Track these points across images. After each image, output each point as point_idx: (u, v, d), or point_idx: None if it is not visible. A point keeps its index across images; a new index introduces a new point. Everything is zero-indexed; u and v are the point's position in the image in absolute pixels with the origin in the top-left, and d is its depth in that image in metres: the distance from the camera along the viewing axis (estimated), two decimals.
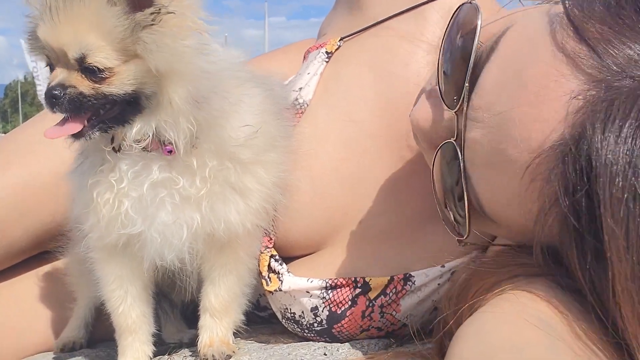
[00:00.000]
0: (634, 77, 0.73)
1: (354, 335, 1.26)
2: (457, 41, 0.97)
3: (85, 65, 0.96)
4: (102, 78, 0.97)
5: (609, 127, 0.70)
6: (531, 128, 0.79)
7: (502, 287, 0.82)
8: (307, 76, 1.41)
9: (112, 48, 0.96)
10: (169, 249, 1.11)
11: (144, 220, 1.08)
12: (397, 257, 1.26)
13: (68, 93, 0.97)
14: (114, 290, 1.18)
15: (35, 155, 1.54)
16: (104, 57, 0.96)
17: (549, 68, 0.79)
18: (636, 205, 0.67)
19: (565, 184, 0.73)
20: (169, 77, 0.99)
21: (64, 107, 0.98)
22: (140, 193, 1.06)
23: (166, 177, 1.06)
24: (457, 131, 0.91)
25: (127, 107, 1.00)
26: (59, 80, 0.98)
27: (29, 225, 1.53)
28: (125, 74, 0.98)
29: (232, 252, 1.18)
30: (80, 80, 0.98)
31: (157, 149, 1.05)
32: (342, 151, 1.33)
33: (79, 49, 0.96)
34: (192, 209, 1.08)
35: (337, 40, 1.43)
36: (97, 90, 0.98)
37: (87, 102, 0.98)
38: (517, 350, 0.68)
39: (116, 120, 1.02)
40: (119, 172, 1.06)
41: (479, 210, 0.91)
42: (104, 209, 1.07)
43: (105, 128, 1.02)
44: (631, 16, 0.77)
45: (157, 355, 1.24)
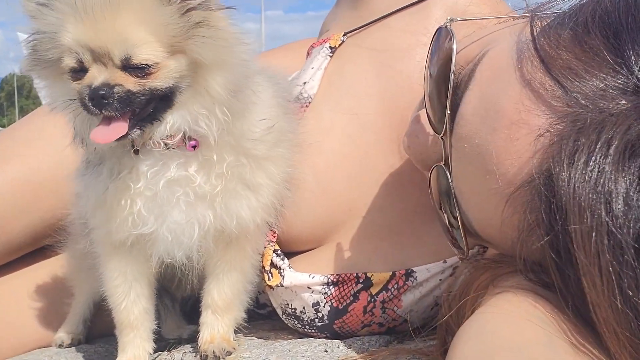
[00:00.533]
0: (601, 109, 0.72)
1: (355, 331, 1.26)
2: (437, 66, 0.96)
3: (132, 62, 0.95)
4: (147, 73, 0.96)
5: (575, 163, 0.69)
6: (507, 162, 0.79)
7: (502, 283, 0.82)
8: (311, 71, 1.41)
9: (159, 44, 0.95)
10: (179, 247, 1.11)
11: (156, 219, 1.08)
12: (399, 252, 1.26)
13: (116, 92, 0.95)
14: (118, 286, 1.18)
15: (34, 150, 1.54)
16: (151, 52, 0.95)
17: (518, 104, 0.79)
18: (606, 241, 0.66)
19: (541, 220, 0.73)
20: (212, 68, 0.99)
21: (114, 106, 0.96)
22: (155, 191, 1.06)
23: (182, 175, 1.06)
24: (445, 156, 0.91)
25: (160, 104, 1.00)
26: (103, 80, 0.95)
27: (28, 221, 1.53)
28: (170, 68, 0.97)
29: (240, 247, 1.18)
30: (125, 77, 0.96)
31: (180, 145, 1.04)
32: (346, 146, 1.33)
33: (125, 47, 0.94)
34: (206, 206, 1.08)
35: (340, 36, 1.43)
36: (143, 86, 0.97)
37: (135, 99, 0.97)
38: (518, 350, 0.68)
39: (149, 118, 1.01)
40: (137, 173, 1.05)
41: (472, 233, 0.91)
42: (117, 209, 1.07)
43: (143, 126, 1.01)
44: (597, 42, 0.76)
45: (157, 352, 1.24)
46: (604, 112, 0.71)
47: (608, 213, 0.66)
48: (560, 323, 0.71)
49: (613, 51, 0.74)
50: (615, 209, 0.66)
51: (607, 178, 0.67)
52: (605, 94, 0.72)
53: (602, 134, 0.69)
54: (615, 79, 0.73)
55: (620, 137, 0.68)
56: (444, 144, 0.91)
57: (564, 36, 0.79)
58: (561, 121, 0.74)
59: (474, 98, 0.86)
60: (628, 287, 0.65)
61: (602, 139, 0.69)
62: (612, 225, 0.66)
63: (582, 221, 0.67)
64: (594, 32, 0.77)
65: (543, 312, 0.73)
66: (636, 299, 0.65)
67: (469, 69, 0.90)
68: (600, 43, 0.75)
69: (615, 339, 0.66)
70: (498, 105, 0.81)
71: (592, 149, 0.69)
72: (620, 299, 0.65)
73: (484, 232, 0.88)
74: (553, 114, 0.75)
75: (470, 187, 0.87)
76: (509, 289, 0.79)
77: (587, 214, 0.67)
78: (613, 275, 0.66)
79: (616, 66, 0.73)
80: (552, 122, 0.75)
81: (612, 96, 0.72)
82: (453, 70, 0.89)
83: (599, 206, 0.67)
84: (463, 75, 0.91)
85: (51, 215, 1.51)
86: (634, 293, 0.65)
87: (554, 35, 0.80)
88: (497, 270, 0.86)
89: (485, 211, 0.85)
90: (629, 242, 0.65)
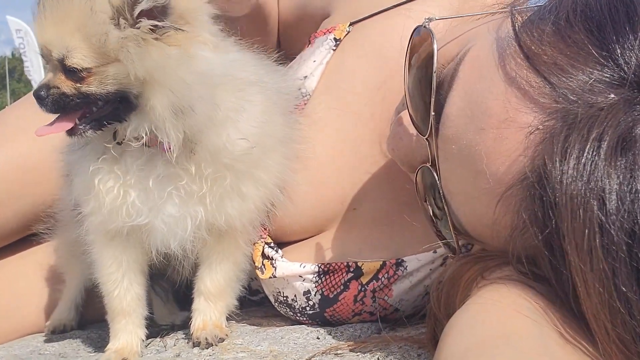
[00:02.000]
0: (590, 104, 0.71)
1: (346, 320, 1.27)
2: (417, 66, 0.95)
3: (65, 65, 1.00)
4: (81, 78, 1.00)
5: (567, 160, 0.69)
6: (497, 162, 0.78)
7: (491, 275, 0.82)
8: (312, 64, 1.38)
9: (91, 50, 0.99)
10: (174, 238, 1.12)
11: (150, 211, 1.09)
12: (389, 242, 1.26)
13: (51, 94, 1.02)
14: (112, 273, 1.18)
15: (26, 136, 1.53)
16: (81, 58, 0.99)
17: (504, 102, 0.77)
18: (599, 237, 0.66)
19: (535, 219, 0.73)
20: (150, 85, 1.00)
21: (49, 107, 1.03)
22: (146, 186, 1.08)
23: (171, 172, 1.07)
24: (431, 157, 0.90)
25: (120, 105, 1.03)
26: (44, 81, 1.03)
27: (19, 207, 1.53)
28: (103, 75, 1.00)
29: (231, 239, 1.20)
30: (64, 80, 1.02)
31: (155, 145, 1.06)
32: (340, 142, 1.32)
33: (61, 49, 0.99)
34: (197, 202, 1.10)
35: (346, 26, 1.39)
36: (78, 90, 1.01)
37: (70, 102, 1.02)
38: (508, 341, 0.68)
39: (111, 118, 1.04)
40: (125, 165, 1.08)
41: (462, 232, 0.91)
42: (107, 197, 1.08)
43: (98, 126, 1.04)
44: (580, 36, 0.75)
45: (149, 338, 1.24)
46: (594, 106, 0.71)
47: (601, 209, 0.66)
48: (550, 315, 0.72)
49: (598, 45, 0.74)
50: (609, 205, 0.66)
51: (599, 174, 0.67)
52: (593, 88, 0.72)
53: (593, 130, 0.69)
54: (602, 73, 0.72)
55: (612, 132, 0.68)
56: (429, 145, 0.89)
57: (546, 31, 0.78)
58: (551, 118, 0.74)
59: (458, 99, 0.84)
60: (622, 284, 0.65)
61: (594, 134, 0.68)
62: (605, 221, 0.66)
63: (575, 218, 0.67)
64: (577, 26, 0.76)
65: (533, 303, 0.73)
66: (629, 295, 0.65)
67: (450, 68, 0.89)
68: (585, 37, 0.75)
69: (606, 334, 0.67)
70: (484, 105, 0.80)
71: (584, 145, 0.68)
72: (613, 295, 0.66)
73: (475, 231, 0.88)
74: (542, 111, 0.75)
75: (460, 187, 0.86)
76: (499, 281, 0.79)
77: (581, 211, 0.67)
78: (606, 271, 0.66)
79: (602, 59, 0.73)
80: (542, 119, 0.74)
81: (599, 90, 0.72)
82: (435, 70, 0.88)
83: (592, 202, 0.67)
84: (445, 75, 0.89)
85: (42, 201, 1.50)
86: (628, 289, 0.65)
87: (537, 30, 0.79)
88: (486, 263, 0.86)
89: (476, 211, 0.84)
90: (622, 238, 0.65)
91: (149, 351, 1.21)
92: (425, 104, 0.91)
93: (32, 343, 1.39)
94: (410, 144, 0.98)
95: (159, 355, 1.16)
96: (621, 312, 0.66)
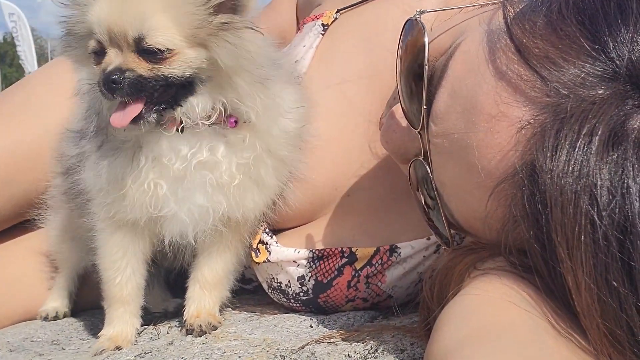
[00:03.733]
0: (582, 98, 0.70)
1: (339, 306, 1.27)
2: (409, 60, 0.94)
3: (145, 44, 0.96)
4: (161, 59, 0.97)
5: (558, 155, 0.69)
6: (489, 156, 0.78)
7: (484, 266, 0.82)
8: (302, 49, 1.39)
9: (179, 32, 0.96)
10: (193, 229, 1.12)
11: (176, 202, 1.08)
12: (384, 228, 1.27)
13: (127, 77, 0.96)
14: (116, 261, 1.18)
15: (19, 122, 1.52)
16: (167, 38, 0.96)
17: (495, 97, 0.77)
18: (590, 233, 0.66)
19: (526, 214, 0.72)
20: (234, 70, 1.00)
21: (125, 92, 0.97)
22: (186, 173, 1.07)
23: (212, 159, 1.07)
24: (423, 150, 0.90)
25: (181, 90, 1.01)
26: (116, 65, 0.97)
27: (12, 193, 1.52)
28: (187, 57, 0.98)
29: (238, 231, 1.20)
30: (138, 62, 0.97)
31: (220, 122, 1.06)
32: (334, 128, 1.32)
33: (140, 29, 0.95)
34: (221, 193, 1.09)
35: (333, 13, 1.40)
36: (156, 72, 0.98)
37: (147, 85, 0.98)
38: (502, 332, 0.68)
39: (168, 103, 1.01)
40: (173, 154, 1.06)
41: (454, 224, 0.91)
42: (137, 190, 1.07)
43: (160, 111, 1.02)
44: (573, 28, 0.74)
45: (142, 325, 1.24)
46: (585, 100, 0.70)
47: (592, 204, 0.66)
48: (543, 307, 0.72)
49: (590, 37, 0.73)
50: (600, 200, 0.66)
51: (591, 169, 0.66)
52: (585, 82, 0.71)
53: (584, 124, 0.68)
54: (594, 66, 0.71)
55: (603, 127, 0.67)
56: (421, 139, 0.89)
57: (538, 23, 0.77)
58: (542, 112, 0.73)
59: (447, 95, 0.84)
60: (613, 279, 0.65)
61: (585, 129, 0.68)
62: (596, 216, 0.66)
63: (566, 213, 0.67)
64: (569, 18, 0.75)
65: (526, 295, 0.73)
66: (620, 290, 0.65)
67: (441, 61, 0.88)
68: (577, 30, 0.74)
69: (596, 329, 0.67)
70: (474, 100, 0.79)
71: (575, 140, 0.68)
72: (604, 290, 0.66)
73: (467, 223, 0.88)
74: (533, 105, 0.74)
75: (452, 180, 0.86)
76: (492, 271, 0.79)
77: (572, 206, 0.67)
78: (597, 267, 0.66)
79: (594, 53, 0.72)
80: (533, 113, 0.74)
81: (591, 84, 0.71)
82: (426, 63, 0.87)
83: (583, 198, 0.66)
84: (436, 69, 0.89)
85: (35, 188, 1.49)
86: (619, 284, 0.65)
87: (528, 22, 0.78)
88: (479, 253, 0.86)
89: (468, 204, 0.84)
90: (613, 234, 0.65)
91: (142, 339, 1.22)
92: (416, 97, 0.90)
93: (25, 330, 1.38)
94: (403, 137, 0.98)
95: (152, 343, 1.16)
96: (612, 307, 0.66)
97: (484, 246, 0.86)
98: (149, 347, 1.12)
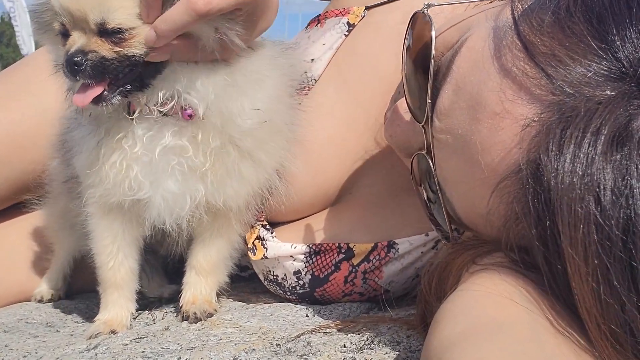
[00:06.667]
0: (587, 97, 0.70)
1: (335, 300, 1.28)
2: (415, 53, 0.94)
3: (107, 26, 0.95)
4: (122, 39, 0.97)
5: (563, 153, 0.68)
6: (492, 152, 0.78)
7: (483, 261, 0.82)
8: (321, 47, 1.35)
9: (136, 9, 0.95)
10: (170, 215, 1.11)
11: (151, 185, 1.08)
12: (382, 224, 1.26)
13: (90, 59, 0.96)
14: (107, 245, 1.18)
15: (17, 103, 1.52)
16: (126, 16, 0.95)
17: (500, 94, 0.77)
18: (594, 232, 0.65)
19: (528, 212, 0.72)
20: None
21: (87, 74, 0.97)
22: (152, 158, 1.06)
23: (177, 144, 1.06)
24: (426, 144, 0.89)
25: (146, 70, 1.00)
26: (78, 47, 0.97)
27: (9, 174, 1.51)
28: (147, 32, 0.97)
29: (225, 219, 1.19)
30: (101, 44, 0.97)
31: (176, 113, 1.04)
32: (342, 131, 1.31)
33: (101, 11, 0.95)
34: (198, 180, 1.08)
35: (362, 10, 1.35)
36: (118, 53, 0.97)
37: (109, 66, 0.97)
38: (501, 328, 0.68)
39: (135, 85, 1.01)
40: (133, 137, 1.06)
41: (455, 219, 0.91)
42: (111, 170, 1.07)
43: (125, 93, 1.01)
44: (580, 27, 0.73)
45: (137, 311, 1.24)
46: (591, 100, 0.70)
47: (596, 205, 0.66)
48: (542, 304, 0.72)
49: (597, 36, 0.72)
50: (604, 200, 0.65)
51: (595, 169, 0.66)
52: (591, 81, 0.71)
53: (590, 124, 0.68)
54: (601, 66, 0.71)
55: (609, 127, 0.67)
56: (425, 133, 0.89)
57: (546, 21, 0.76)
58: (547, 110, 0.73)
59: (451, 91, 0.84)
60: (615, 280, 0.65)
61: (591, 128, 0.68)
62: (600, 216, 0.65)
63: (570, 213, 0.67)
64: (577, 16, 0.74)
65: (525, 291, 0.73)
66: (622, 291, 0.65)
67: (447, 57, 0.88)
68: (584, 28, 0.73)
69: (597, 328, 0.67)
70: (479, 97, 0.79)
71: (581, 139, 0.68)
72: (606, 291, 0.65)
73: (468, 219, 0.88)
74: (538, 103, 0.74)
75: (454, 176, 0.85)
76: (491, 267, 0.79)
77: (576, 206, 0.66)
78: (600, 267, 0.66)
79: (600, 52, 0.71)
80: (538, 111, 0.73)
81: (597, 83, 0.71)
82: (433, 57, 0.87)
83: (587, 197, 0.66)
84: (442, 63, 0.88)
85: (32, 169, 1.49)
86: (621, 285, 0.65)
87: (536, 19, 0.77)
88: (478, 249, 0.86)
89: (470, 199, 0.84)
90: (617, 234, 0.65)
91: (137, 324, 1.22)
92: (421, 91, 0.90)
93: (20, 311, 1.38)
94: (407, 131, 0.97)
95: (147, 328, 1.16)
96: (614, 308, 0.66)
97: (483, 242, 0.86)
98: (145, 332, 1.12)
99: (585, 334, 0.68)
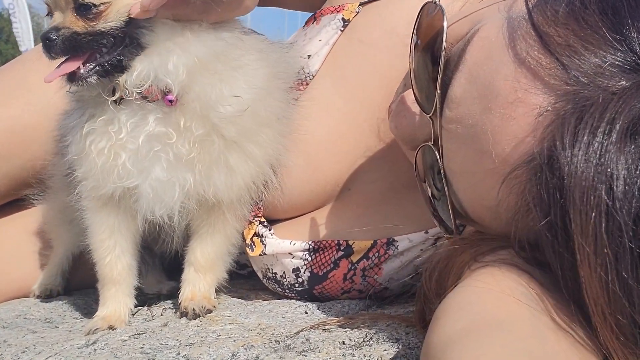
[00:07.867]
0: (602, 88, 0.70)
1: (334, 297, 1.28)
2: (425, 44, 0.93)
3: (78, 2, 0.98)
4: (97, 14, 0.99)
5: (578, 142, 0.68)
6: (504, 142, 0.77)
7: (485, 258, 0.82)
8: (318, 43, 1.35)
9: None
10: (160, 205, 1.11)
11: (139, 174, 1.07)
12: (381, 221, 1.26)
13: (61, 34, 0.99)
14: (103, 240, 1.18)
15: (17, 99, 1.51)
16: None
17: (513, 83, 0.77)
18: (604, 222, 0.65)
19: (540, 201, 0.72)
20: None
21: (59, 48, 1.00)
22: (137, 145, 1.06)
23: (161, 131, 1.06)
24: (434, 135, 0.89)
25: (126, 48, 1.01)
26: (53, 25, 0.99)
27: (9, 170, 1.51)
28: (120, 6, 0.99)
29: (219, 213, 1.19)
30: (75, 20, 1.00)
31: (157, 99, 1.04)
32: (342, 126, 1.30)
33: None
34: (186, 169, 1.08)
35: (356, 6, 1.35)
36: (93, 28, 0.99)
37: (81, 40, 0.99)
38: (501, 325, 0.68)
39: (115, 65, 1.02)
40: (118, 124, 1.06)
41: (461, 213, 0.90)
42: (98, 159, 1.07)
43: (102, 72, 1.02)
44: (595, 18, 0.74)
45: (136, 307, 1.24)
46: (606, 90, 0.70)
47: (608, 194, 0.66)
48: (544, 301, 0.72)
49: (612, 28, 0.73)
50: (616, 190, 0.66)
51: (609, 159, 0.66)
52: (605, 72, 0.71)
53: (605, 114, 0.68)
54: (615, 57, 0.71)
55: (623, 117, 0.67)
56: (432, 124, 0.88)
57: (560, 12, 0.76)
58: (561, 100, 0.73)
59: (464, 80, 0.83)
60: (624, 270, 0.65)
61: (606, 118, 0.68)
62: (611, 206, 0.65)
63: (582, 201, 0.67)
64: (592, 7, 0.75)
65: (528, 289, 0.73)
66: (630, 282, 0.65)
67: (459, 47, 0.88)
68: (599, 19, 0.74)
69: (603, 319, 0.67)
70: (492, 86, 0.79)
71: (596, 129, 0.68)
72: (614, 281, 0.65)
73: (474, 212, 0.87)
74: (552, 93, 0.74)
75: (463, 167, 0.85)
76: (493, 264, 0.79)
77: (588, 195, 0.67)
78: (609, 257, 0.66)
79: (615, 43, 0.72)
80: (552, 100, 0.73)
81: (612, 74, 0.71)
82: (444, 48, 0.86)
83: (599, 187, 0.66)
84: (452, 54, 0.88)
85: (31, 165, 1.49)
86: (629, 276, 0.65)
87: (550, 10, 0.78)
88: (480, 246, 0.85)
89: (478, 191, 0.84)
90: (628, 224, 0.65)
91: (136, 320, 1.22)
92: (430, 82, 0.90)
93: (18, 307, 1.38)
94: (413, 123, 0.97)
95: (146, 324, 1.16)
96: (620, 299, 0.66)
97: (486, 239, 0.86)
98: (144, 328, 1.12)
99: (586, 331, 0.68)
